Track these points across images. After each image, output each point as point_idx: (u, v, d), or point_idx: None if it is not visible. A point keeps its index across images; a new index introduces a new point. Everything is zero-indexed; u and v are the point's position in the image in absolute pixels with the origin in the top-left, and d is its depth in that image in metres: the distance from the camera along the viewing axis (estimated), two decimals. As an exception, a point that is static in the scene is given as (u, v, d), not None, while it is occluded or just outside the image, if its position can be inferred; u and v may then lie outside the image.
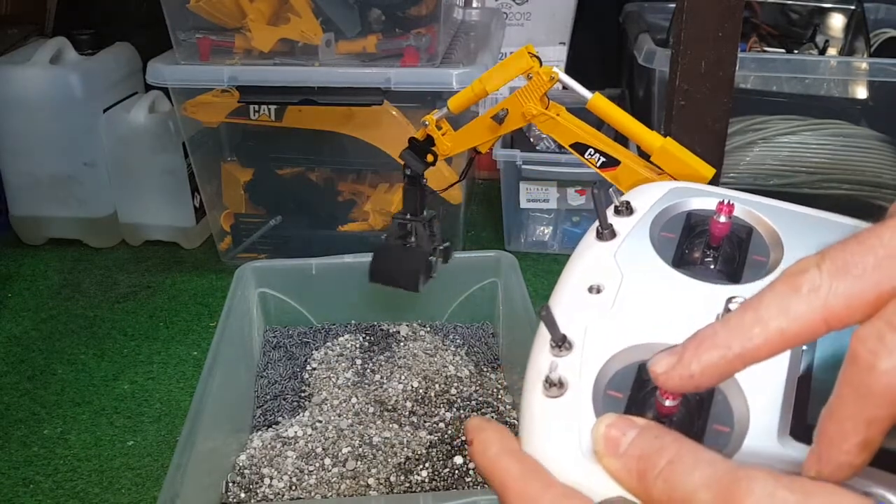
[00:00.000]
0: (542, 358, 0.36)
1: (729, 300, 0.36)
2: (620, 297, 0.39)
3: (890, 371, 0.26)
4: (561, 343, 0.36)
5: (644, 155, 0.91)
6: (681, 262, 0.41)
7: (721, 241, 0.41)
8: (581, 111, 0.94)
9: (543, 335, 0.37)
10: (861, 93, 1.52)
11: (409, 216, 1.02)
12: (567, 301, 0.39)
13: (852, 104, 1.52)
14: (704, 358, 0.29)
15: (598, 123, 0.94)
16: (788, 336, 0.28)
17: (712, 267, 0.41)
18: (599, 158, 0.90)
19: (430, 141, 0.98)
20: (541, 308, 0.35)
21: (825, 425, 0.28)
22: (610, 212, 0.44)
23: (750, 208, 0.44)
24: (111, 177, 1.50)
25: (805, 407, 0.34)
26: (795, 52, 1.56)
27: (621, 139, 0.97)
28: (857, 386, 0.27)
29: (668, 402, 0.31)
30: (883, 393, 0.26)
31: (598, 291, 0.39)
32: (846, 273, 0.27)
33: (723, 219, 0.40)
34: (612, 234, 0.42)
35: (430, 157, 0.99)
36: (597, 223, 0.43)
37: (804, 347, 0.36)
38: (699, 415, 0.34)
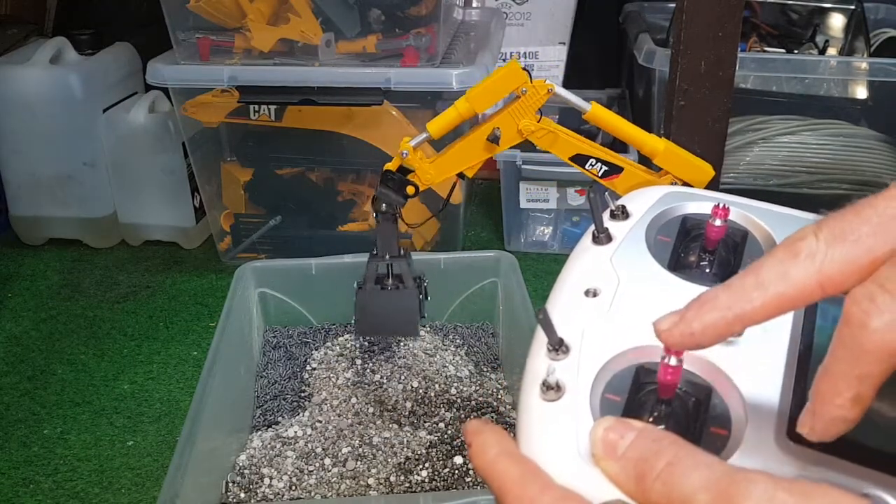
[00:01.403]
0: (539, 361, 0.36)
1: None
2: (617, 300, 0.39)
3: (881, 329, 0.27)
4: (558, 346, 0.36)
5: (643, 160, 0.91)
6: (677, 265, 0.42)
7: (716, 244, 0.41)
8: (565, 113, 0.92)
9: (540, 338, 0.37)
10: (861, 93, 1.52)
11: (388, 256, 0.96)
12: (564, 304, 0.39)
13: (852, 104, 1.52)
14: (706, 318, 0.31)
15: (595, 129, 0.94)
16: (786, 299, 0.30)
17: (708, 270, 0.41)
18: (601, 168, 0.89)
19: (404, 169, 0.91)
20: (538, 311, 0.35)
21: (819, 383, 0.29)
22: (606, 216, 0.44)
23: (745, 212, 0.44)
24: (111, 177, 1.50)
25: (802, 408, 0.34)
26: (795, 52, 1.56)
27: (617, 144, 0.97)
28: (849, 344, 0.28)
29: (672, 361, 0.32)
30: (874, 350, 0.28)
31: (595, 295, 0.39)
32: (842, 240, 0.29)
33: (718, 222, 0.40)
34: (609, 238, 0.42)
35: (410, 190, 0.91)
36: (593, 227, 0.43)
37: (800, 349, 0.36)
38: (697, 417, 0.34)
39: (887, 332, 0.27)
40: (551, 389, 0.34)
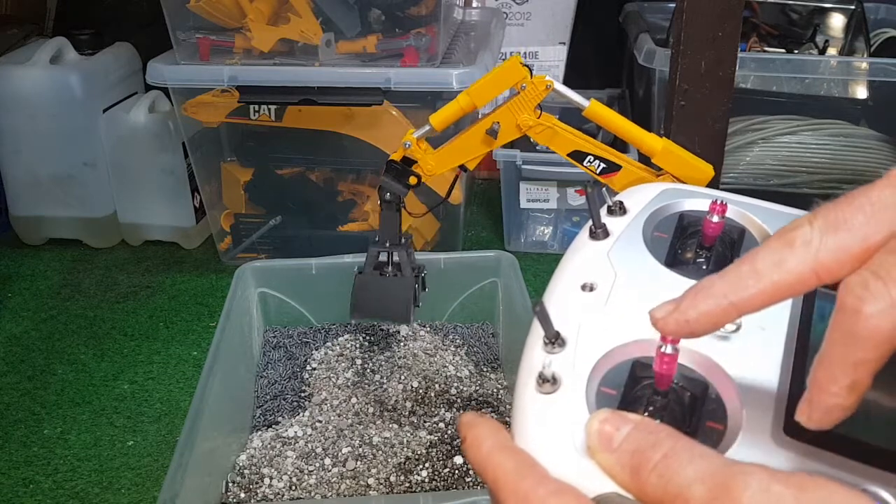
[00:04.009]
0: (535, 354, 0.36)
1: None
2: (614, 295, 0.39)
3: (874, 315, 0.27)
4: (554, 340, 0.36)
5: (643, 158, 0.91)
6: (674, 261, 0.42)
7: (714, 241, 0.41)
8: (566, 113, 0.92)
9: (537, 331, 0.37)
10: (861, 93, 1.52)
11: (388, 244, 0.98)
12: (560, 298, 0.39)
13: (852, 104, 1.52)
14: (701, 305, 0.31)
15: (595, 129, 0.94)
16: (781, 287, 0.30)
17: (704, 267, 0.41)
18: (599, 165, 0.89)
19: (408, 161, 0.93)
20: (534, 303, 0.35)
21: (815, 372, 0.29)
22: (603, 211, 0.44)
23: (742, 209, 0.44)
24: (111, 177, 1.50)
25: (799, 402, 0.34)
26: (795, 52, 1.56)
27: (618, 144, 0.97)
28: (844, 331, 0.28)
29: (667, 349, 0.32)
30: (868, 336, 0.28)
31: (592, 289, 0.39)
32: (836, 228, 0.29)
33: (716, 218, 0.40)
34: (606, 234, 0.42)
35: (412, 180, 0.93)
36: (590, 222, 0.43)
37: (797, 345, 0.36)
38: (693, 412, 0.34)
39: (881, 319, 0.27)
40: (547, 382, 0.34)
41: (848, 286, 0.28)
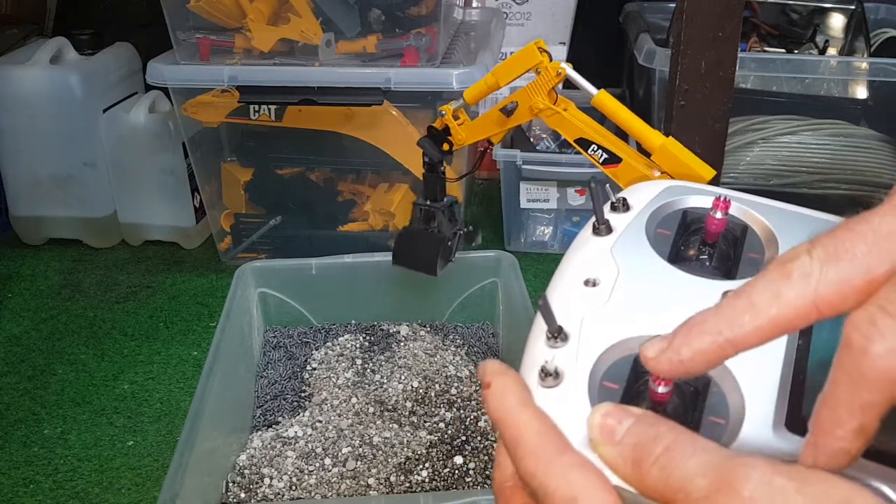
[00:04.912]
0: (538, 348, 0.36)
1: (725, 294, 0.36)
2: (617, 290, 0.39)
3: (883, 355, 0.26)
4: (557, 334, 0.36)
5: (646, 153, 0.91)
6: (676, 258, 0.41)
7: (717, 237, 0.41)
8: (589, 109, 0.94)
9: (540, 326, 0.37)
10: (861, 93, 1.52)
11: (428, 202, 1.07)
12: (563, 293, 0.39)
13: (852, 104, 1.52)
14: (695, 344, 0.29)
15: (601, 120, 0.95)
16: (780, 323, 0.28)
17: (707, 264, 0.41)
18: (602, 155, 0.91)
19: (447, 130, 1.01)
20: (538, 297, 0.35)
21: (820, 412, 0.28)
22: (606, 208, 0.44)
23: (745, 206, 0.44)
24: (111, 177, 1.50)
25: (800, 399, 0.34)
26: (795, 52, 1.56)
27: (623, 135, 0.98)
28: (850, 371, 0.26)
29: (660, 389, 0.31)
30: (877, 377, 0.26)
31: (595, 285, 0.39)
32: (837, 259, 0.27)
33: (719, 215, 0.40)
34: (609, 230, 0.42)
35: (445, 146, 1.02)
36: (593, 219, 0.43)
37: (799, 341, 0.36)
38: (695, 406, 0.34)
39: (891, 358, 0.26)
40: (549, 376, 0.34)
41: (853, 322, 0.26)
